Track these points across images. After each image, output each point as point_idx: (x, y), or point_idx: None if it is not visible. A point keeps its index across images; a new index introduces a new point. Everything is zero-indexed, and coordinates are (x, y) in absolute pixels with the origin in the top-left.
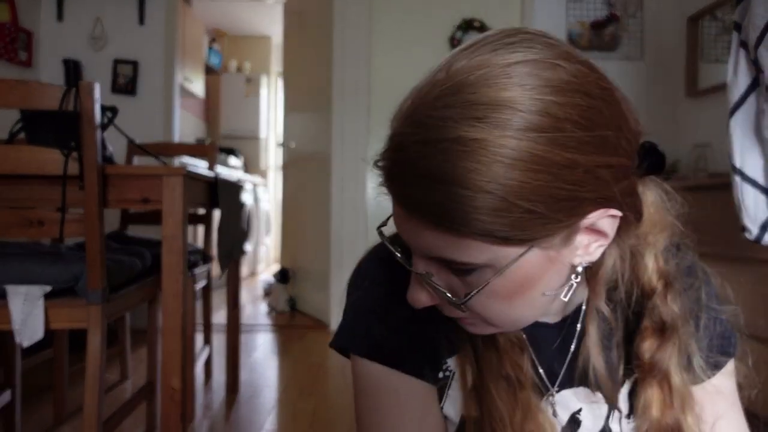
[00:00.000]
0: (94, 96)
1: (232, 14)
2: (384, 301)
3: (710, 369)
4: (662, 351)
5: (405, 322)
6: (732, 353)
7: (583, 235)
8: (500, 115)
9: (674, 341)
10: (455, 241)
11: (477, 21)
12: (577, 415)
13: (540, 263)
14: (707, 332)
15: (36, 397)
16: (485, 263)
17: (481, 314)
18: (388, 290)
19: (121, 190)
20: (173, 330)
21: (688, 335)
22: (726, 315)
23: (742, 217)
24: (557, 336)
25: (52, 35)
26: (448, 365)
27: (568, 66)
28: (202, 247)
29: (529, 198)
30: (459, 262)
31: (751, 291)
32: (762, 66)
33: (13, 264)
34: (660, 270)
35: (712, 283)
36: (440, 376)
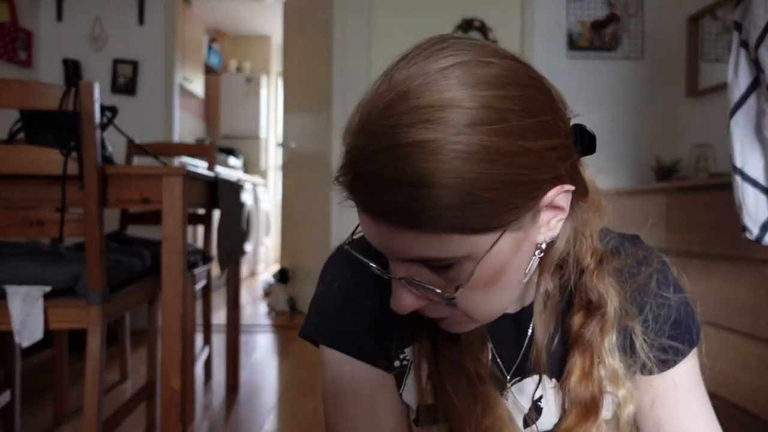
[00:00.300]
0: (93, 96)
1: (232, 14)
2: (344, 294)
3: (660, 356)
4: (587, 326)
5: (363, 313)
6: (689, 343)
7: (544, 212)
8: (448, 115)
9: (599, 318)
10: (432, 238)
11: (477, 21)
12: (539, 402)
13: (512, 246)
14: (656, 318)
15: (36, 397)
16: (464, 255)
17: (465, 308)
18: (349, 284)
19: (120, 190)
20: (173, 330)
21: (629, 318)
22: (677, 303)
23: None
24: (515, 325)
25: (52, 35)
26: (406, 355)
27: (499, 62)
28: (202, 247)
29: (491, 187)
30: (440, 258)
31: (751, 291)
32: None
33: (12, 264)
34: (594, 248)
35: (668, 273)
36: (397, 365)
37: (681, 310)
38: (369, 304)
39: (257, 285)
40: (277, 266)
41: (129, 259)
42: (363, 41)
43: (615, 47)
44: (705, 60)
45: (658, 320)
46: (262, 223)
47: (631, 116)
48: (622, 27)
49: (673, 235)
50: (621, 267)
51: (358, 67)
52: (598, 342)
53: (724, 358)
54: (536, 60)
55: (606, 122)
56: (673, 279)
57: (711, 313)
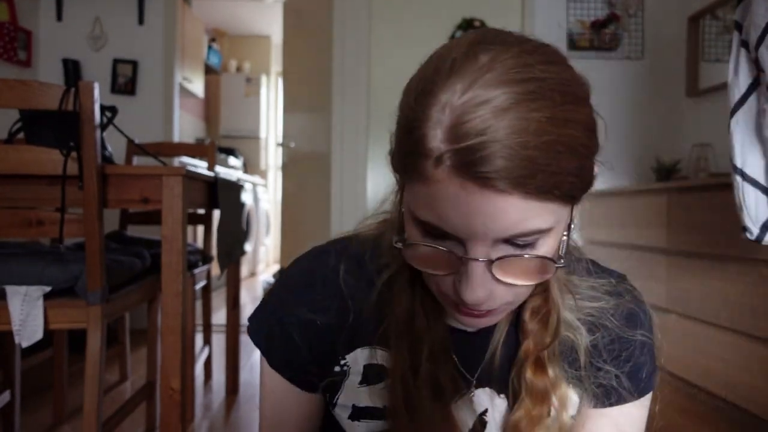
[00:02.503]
0: (93, 96)
1: (232, 14)
2: (287, 305)
3: (604, 387)
4: (534, 323)
5: (301, 326)
6: (637, 391)
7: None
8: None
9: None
10: (539, 207)
11: (477, 21)
12: (483, 416)
13: (561, 231)
14: (609, 350)
15: (35, 397)
16: (550, 226)
17: (519, 294)
18: (293, 296)
19: (120, 190)
20: (173, 330)
21: (574, 331)
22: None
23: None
24: (476, 338)
25: (52, 35)
26: (347, 361)
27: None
28: (202, 247)
29: (589, 154)
30: (534, 231)
31: (751, 291)
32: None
33: (12, 264)
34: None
35: (640, 315)
36: (337, 370)
37: (639, 356)
38: (309, 316)
39: (257, 285)
40: (277, 266)
41: (129, 259)
42: (363, 41)
43: (615, 47)
44: (705, 60)
45: (612, 353)
46: (262, 223)
47: (631, 116)
48: (622, 27)
49: (673, 235)
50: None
51: (358, 67)
52: (545, 343)
53: (724, 359)
54: None
55: (606, 122)
56: (646, 323)
57: (711, 313)
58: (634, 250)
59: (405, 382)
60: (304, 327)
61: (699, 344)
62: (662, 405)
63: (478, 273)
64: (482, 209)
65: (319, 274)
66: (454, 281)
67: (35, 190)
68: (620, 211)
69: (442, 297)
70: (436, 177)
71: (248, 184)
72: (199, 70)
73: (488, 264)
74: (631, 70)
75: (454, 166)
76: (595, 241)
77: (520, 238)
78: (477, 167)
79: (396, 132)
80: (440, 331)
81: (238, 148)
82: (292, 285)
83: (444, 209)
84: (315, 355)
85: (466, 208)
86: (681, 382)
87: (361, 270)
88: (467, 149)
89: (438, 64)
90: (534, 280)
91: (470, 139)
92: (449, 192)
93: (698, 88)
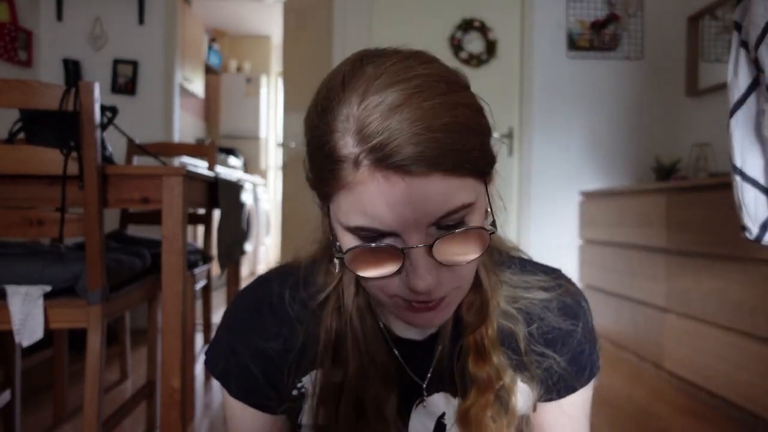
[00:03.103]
0: (93, 96)
1: (232, 14)
2: (240, 337)
3: (550, 383)
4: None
5: (256, 356)
6: (580, 381)
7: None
8: (463, 81)
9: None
10: (459, 183)
11: (477, 21)
12: (442, 420)
13: (483, 208)
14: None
15: (36, 397)
16: (472, 201)
17: (465, 275)
18: (243, 326)
19: (120, 189)
20: (173, 330)
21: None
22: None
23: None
24: (423, 346)
25: (52, 35)
26: (303, 383)
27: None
28: (202, 247)
29: (485, 132)
30: (460, 206)
31: (751, 291)
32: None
33: (12, 264)
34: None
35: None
36: (295, 393)
37: (577, 344)
38: (265, 345)
39: None
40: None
41: (129, 258)
42: (363, 41)
43: (615, 47)
44: (705, 60)
45: (550, 342)
46: (262, 223)
47: (631, 116)
48: (622, 27)
49: (673, 235)
50: (515, 282)
51: None
52: (484, 330)
53: (724, 358)
54: (536, 60)
55: (606, 122)
56: (580, 313)
57: (711, 312)
58: (634, 250)
59: (333, 399)
60: (257, 356)
61: (699, 344)
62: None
63: (422, 260)
64: (409, 196)
65: (265, 302)
66: (400, 280)
67: (35, 190)
68: (620, 211)
69: (393, 302)
70: (359, 179)
71: (248, 184)
72: (200, 70)
73: (428, 250)
74: (631, 70)
75: (372, 163)
76: (595, 241)
77: (449, 217)
78: (393, 158)
79: (308, 155)
80: (374, 349)
81: (238, 148)
82: (241, 317)
83: (374, 207)
84: (271, 382)
85: (394, 199)
86: (681, 382)
87: (302, 294)
88: (379, 145)
89: (330, 84)
90: (474, 253)
91: (378, 136)
92: (375, 189)
93: (698, 88)
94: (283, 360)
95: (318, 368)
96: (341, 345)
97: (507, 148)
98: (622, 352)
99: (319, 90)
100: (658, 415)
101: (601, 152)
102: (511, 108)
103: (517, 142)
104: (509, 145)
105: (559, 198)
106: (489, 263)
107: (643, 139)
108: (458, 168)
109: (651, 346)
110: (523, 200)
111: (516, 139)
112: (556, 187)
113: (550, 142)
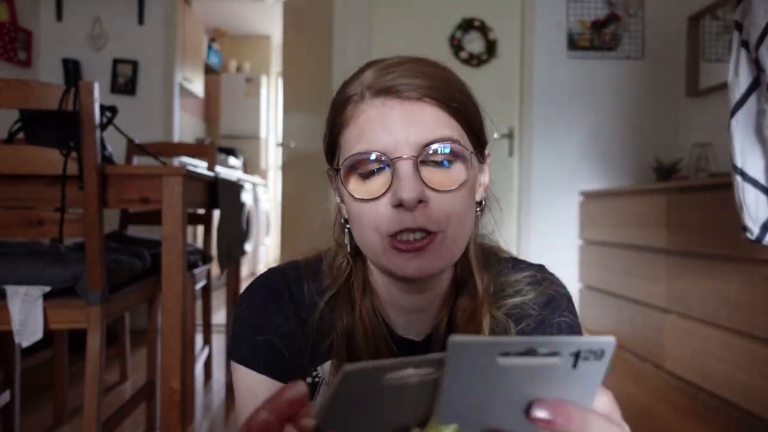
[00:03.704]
0: (93, 96)
1: (232, 14)
2: (262, 318)
3: None
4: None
5: (279, 336)
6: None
7: (482, 174)
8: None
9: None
10: (453, 125)
11: (477, 21)
12: None
13: (474, 177)
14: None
15: (35, 397)
16: (458, 138)
17: (449, 210)
18: (268, 311)
19: (120, 190)
20: (173, 330)
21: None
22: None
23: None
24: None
25: (52, 35)
26: (318, 372)
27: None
28: (202, 247)
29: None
30: (447, 138)
31: (751, 291)
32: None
33: (12, 264)
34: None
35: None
36: (309, 381)
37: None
38: (285, 326)
39: None
40: None
41: (129, 259)
42: (363, 42)
43: (615, 47)
44: (705, 60)
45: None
46: (262, 223)
47: (632, 116)
48: (622, 27)
49: (673, 235)
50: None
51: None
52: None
53: (724, 358)
54: (536, 60)
55: (606, 122)
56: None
57: (711, 313)
58: (634, 250)
59: None
60: (280, 335)
61: (699, 344)
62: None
63: (408, 172)
64: (402, 117)
65: (284, 287)
66: (390, 203)
67: (35, 190)
68: (620, 211)
69: (385, 248)
70: (362, 109)
71: (248, 184)
72: (199, 70)
73: (415, 162)
74: (631, 70)
75: (375, 93)
76: (595, 241)
77: (435, 144)
78: (391, 85)
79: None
80: (380, 345)
81: (238, 148)
82: (260, 298)
83: (372, 131)
84: (294, 360)
85: (390, 120)
86: (681, 382)
87: (317, 285)
88: (382, 81)
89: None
90: (456, 185)
91: (379, 79)
92: (374, 113)
93: (698, 88)
94: (302, 341)
95: (334, 358)
96: (353, 338)
97: (507, 148)
98: (622, 352)
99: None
100: (659, 416)
101: (601, 152)
102: (511, 108)
103: (517, 142)
104: (509, 145)
105: (559, 198)
106: (482, 269)
107: (643, 139)
108: (446, 101)
109: (651, 346)
110: (523, 200)
111: (516, 139)
112: (556, 188)
113: (550, 142)
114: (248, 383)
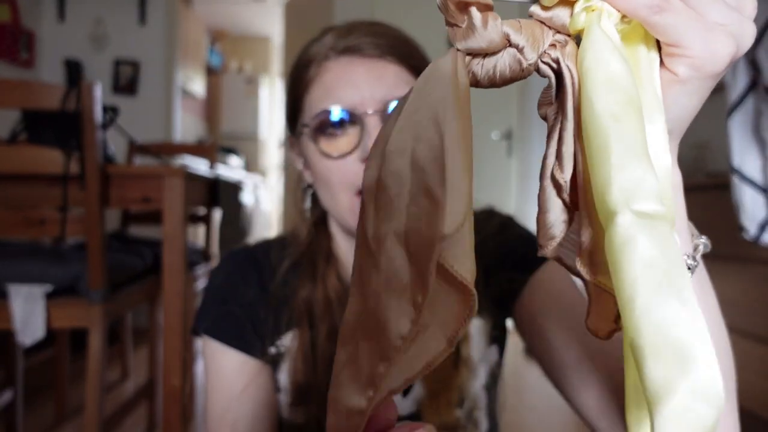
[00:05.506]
0: (95, 96)
1: (233, 15)
2: (226, 288)
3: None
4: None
5: (242, 305)
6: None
7: None
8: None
9: None
10: (409, 79)
11: None
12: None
13: None
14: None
15: (37, 396)
16: None
17: None
18: (231, 280)
19: (122, 189)
20: (174, 329)
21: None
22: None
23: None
24: None
25: (53, 36)
26: (282, 341)
27: None
28: (203, 247)
29: None
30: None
31: (750, 291)
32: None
33: (14, 263)
34: None
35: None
36: (273, 351)
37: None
38: (250, 296)
39: None
40: None
41: (130, 258)
42: None
43: None
44: None
45: (498, 256)
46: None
47: None
48: None
49: None
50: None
51: None
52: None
53: None
54: None
55: None
56: (503, 215)
57: None
58: None
59: (304, 360)
60: (244, 304)
61: None
62: None
63: (377, 126)
64: (366, 74)
65: (247, 258)
66: (358, 160)
67: (37, 190)
68: None
69: (350, 193)
70: (327, 67)
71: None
72: (200, 71)
73: (383, 117)
74: None
75: (339, 52)
76: None
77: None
78: (354, 44)
79: (286, 92)
80: (339, 315)
81: (239, 148)
82: (223, 271)
83: (339, 88)
84: (257, 331)
85: (354, 76)
86: None
87: (282, 254)
88: (345, 41)
89: (301, 50)
90: None
91: (342, 39)
92: (339, 70)
93: None
94: (265, 309)
95: (295, 328)
96: (314, 309)
97: (505, 149)
98: None
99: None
100: None
101: None
102: (510, 108)
103: (517, 142)
104: (508, 146)
105: None
106: None
107: None
108: (406, 59)
109: None
110: (522, 201)
111: (515, 140)
112: None
113: None
114: (215, 358)
